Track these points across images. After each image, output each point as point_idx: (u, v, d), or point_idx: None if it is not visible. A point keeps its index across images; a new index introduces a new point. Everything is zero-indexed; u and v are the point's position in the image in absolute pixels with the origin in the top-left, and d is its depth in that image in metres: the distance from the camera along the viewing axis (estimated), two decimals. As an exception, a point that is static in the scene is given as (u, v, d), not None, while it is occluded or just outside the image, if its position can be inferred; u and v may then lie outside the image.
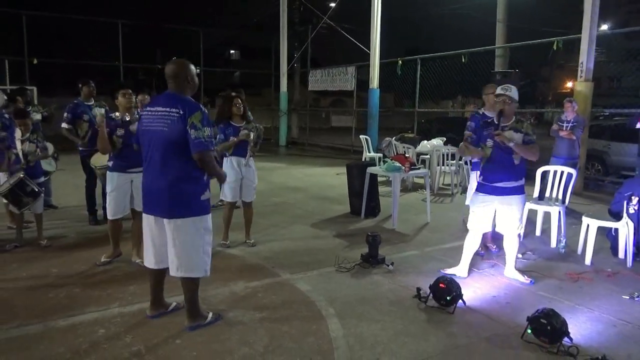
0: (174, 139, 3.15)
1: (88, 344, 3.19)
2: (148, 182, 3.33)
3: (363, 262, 4.83)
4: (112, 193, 4.57)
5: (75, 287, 4.15)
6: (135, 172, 4.54)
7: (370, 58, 13.03)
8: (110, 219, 4.66)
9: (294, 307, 3.85)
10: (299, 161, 13.82)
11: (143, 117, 3.33)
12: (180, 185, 3.22)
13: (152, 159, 3.26)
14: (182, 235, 3.26)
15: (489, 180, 4.34)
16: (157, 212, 3.31)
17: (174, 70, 3.28)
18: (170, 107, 3.19)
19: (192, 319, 3.43)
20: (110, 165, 4.60)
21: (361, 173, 6.87)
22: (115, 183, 4.55)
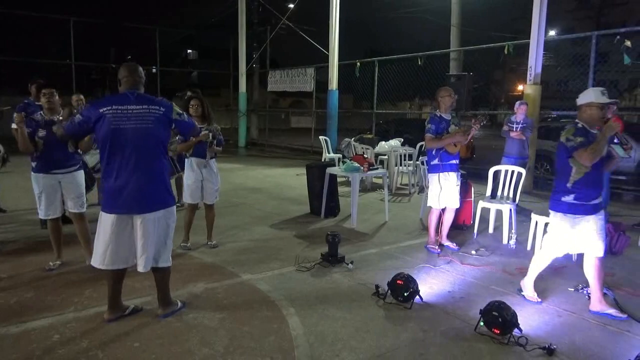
0: (159, 135, 3.36)
1: (42, 350, 3.11)
2: (122, 182, 3.28)
3: (323, 261, 4.89)
4: (41, 194, 4.48)
5: (27, 292, 4.02)
6: (61, 173, 4.49)
7: (329, 59, 13.15)
8: (43, 218, 4.59)
9: (255, 307, 3.86)
10: (258, 162, 13.78)
11: (110, 116, 3.23)
12: (161, 178, 3.42)
13: (130, 157, 3.26)
14: (160, 227, 3.40)
15: (588, 199, 3.75)
16: (135, 210, 3.31)
17: (134, 70, 3.40)
18: (148, 104, 3.31)
19: (166, 307, 3.62)
20: (34, 167, 4.49)
21: (321, 173, 6.94)
22: (41, 184, 4.46)
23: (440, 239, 5.51)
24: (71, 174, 4.52)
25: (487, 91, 29.10)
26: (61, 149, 4.39)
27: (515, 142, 7.44)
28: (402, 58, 13.24)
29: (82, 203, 4.61)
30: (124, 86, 3.38)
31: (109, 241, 3.35)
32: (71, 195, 4.53)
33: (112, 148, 3.28)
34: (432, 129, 5.15)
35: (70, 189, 4.51)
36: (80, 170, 4.64)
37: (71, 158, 4.53)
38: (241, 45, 17.16)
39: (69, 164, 4.51)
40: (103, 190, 3.45)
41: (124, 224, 3.34)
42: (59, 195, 4.49)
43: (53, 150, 4.37)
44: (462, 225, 6.15)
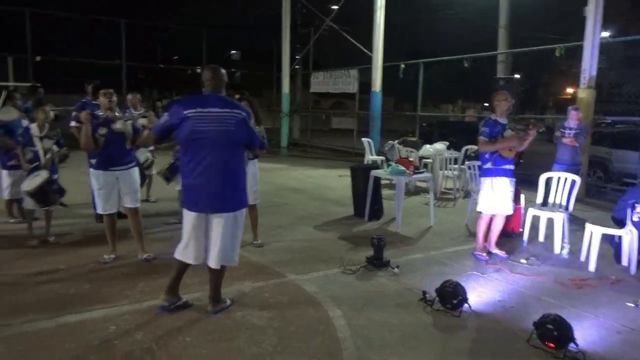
0: (239, 139, 3.49)
1: (99, 340, 3.22)
2: (203, 181, 3.40)
3: (368, 264, 4.87)
4: (99, 191, 4.65)
5: (84, 283, 4.18)
6: (119, 170, 4.65)
7: (373, 61, 13.08)
8: (101, 213, 4.74)
9: (301, 308, 3.88)
10: (300, 162, 13.85)
11: (193, 118, 3.34)
12: (239, 180, 3.56)
13: (211, 159, 3.38)
14: (231, 228, 3.50)
15: None
16: (212, 208, 3.45)
17: (221, 74, 3.53)
18: (230, 108, 3.44)
19: (216, 304, 3.70)
20: (94, 163, 4.65)
21: (365, 176, 6.91)
22: (101, 181, 4.62)
23: (488, 246, 5.38)
24: (128, 170, 4.69)
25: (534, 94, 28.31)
26: (119, 146, 4.57)
27: (568, 149, 7.20)
28: (448, 60, 13.03)
29: (137, 199, 4.77)
30: (207, 88, 3.49)
31: (190, 236, 3.49)
32: (127, 191, 4.68)
33: (193, 149, 3.39)
34: (486, 132, 5.04)
35: (127, 185, 4.67)
36: (135, 167, 4.80)
37: (128, 155, 4.69)
38: (285, 47, 17.28)
39: (126, 161, 4.67)
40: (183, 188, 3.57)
41: (202, 221, 3.47)
42: (116, 191, 4.65)
43: (112, 148, 4.55)
44: (511, 233, 5.98)
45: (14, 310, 3.61)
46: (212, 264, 3.53)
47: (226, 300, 3.82)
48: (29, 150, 5.19)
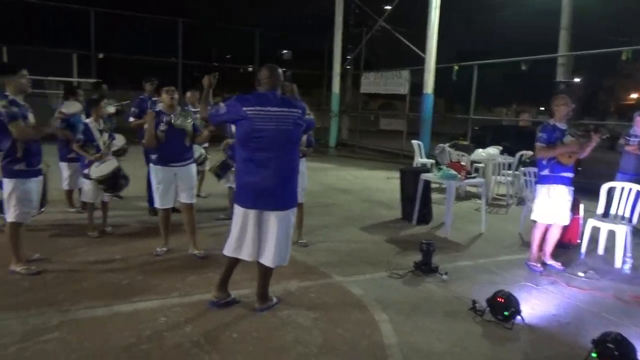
0: (295, 138, 3.54)
1: (150, 330, 3.32)
2: (259, 179, 3.45)
3: (416, 269, 4.78)
4: (158, 186, 4.77)
5: (137, 274, 4.32)
6: (177, 166, 4.75)
7: (426, 62, 12.87)
8: (159, 207, 4.86)
9: (347, 310, 3.85)
10: (348, 163, 13.81)
11: (252, 116, 3.39)
12: (292, 179, 3.59)
13: (268, 158, 3.42)
14: (285, 227, 3.55)
15: None
16: (268, 206, 3.50)
17: (274, 72, 3.52)
18: (288, 107, 3.48)
19: (263, 302, 3.73)
20: (154, 159, 4.78)
21: (415, 179, 6.79)
22: (160, 176, 4.74)
23: (543, 256, 5.17)
24: (186, 167, 4.79)
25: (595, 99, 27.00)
26: (179, 143, 4.69)
27: (632, 158, 6.79)
28: (505, 62, 12.63)
29: (193, 195, 4.87)
30: (264, 87, 3.52)
31: (242, 233, 3.54)
32: (184, 187, 4.79)
33: (251, 147, 3.44)
34: (544, 138, 4.84)
35: (184, 181, 4.77)
36: (193, 164, 4.92)
37: (187, 151, 4.80)
38: (336, 46, 17.29)
39: (184, 157, 4.78)
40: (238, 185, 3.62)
41: (256, 219, 3.51)
42: (173, 186, 4.76)
43: (172, 144, 4.66)
44: (567, 244, 5.72)
45: (73, 296, 3.78)
46: (268, 262, 3.56)
47: (273, 298, 3.84)
48: (92, 145, 5.40)
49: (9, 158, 4.02)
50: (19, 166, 4.03)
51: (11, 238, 4.15)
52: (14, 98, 4.00)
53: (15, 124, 3.91)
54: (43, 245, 4.92)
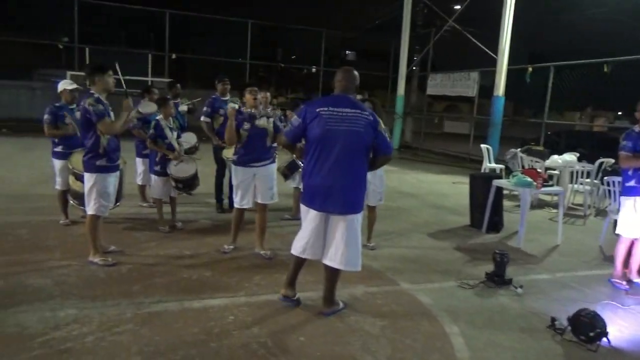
0: (365, 141, 3.43)
1: (219, 328, 3.34)
2: (325, 180, 3.43)
3: (487, 280, 4.56)
4: (238, 186, 4.80)
5: (206, 271, 4.39)
6: (257, 166, 4.76)
7: (497, 64, 12.38)
8: (236, 207, 4.90)
9: (416, 320, 3.72)
10: (412, 166, 13.53)
11: (325, 117, 3.38)
12: (361, 183, 3.51)
13: (337, 159, 3.38)
14: (354, 231, 3.49)
15: None
16: (334, 209, 3.46)
17: (352, 75, 3.54)
18: (360, 109, 3.42)
19: (330, 306, 3.68)
20: (236, 160, 4.82)
21: (486, 185, 6.51)
22: (240, 177, 4.78)
23: (629, 273, 4.78)
24: (266, 167, 4.80)
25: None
26: (260, 142, 4.72)
27: None
28: (585, 64, 11.89)
29: (272, 195, 4.85)
30: (338, 89, 3.52)
31: (309, 234, 3.53)
32: (263, 188, 4.78)
33: (322, 148, 3.41)
34: (629, 147, 4.48)
35: (263, 182, 4.77)
36: (273, 164, 4.92)
37: (267, 152, 4.81)
38: (403, 47, 17.00)
39: (265, 157, 4.79)
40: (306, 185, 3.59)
41: (324, 221, 3.49)
42: (252, 187, 4.78)
43: (254, 144, 4.70)
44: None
45: (146, 289, 3.89)
46: (334, 264, 3.51)
47: (339, 302, 3.78)
48: (163, 142, 5.57)
49: (91, 154, 4.21)
50: (100, 161, 4.21)
51: (90, 230, 4.34)
52: (99, 96, 4.19)
53: (103, 121, 4.10)
54: (117, 237, 5.12)
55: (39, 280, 3.92)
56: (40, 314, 3.36)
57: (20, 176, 8.24)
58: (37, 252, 4.57)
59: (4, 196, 6.71)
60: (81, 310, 3.46)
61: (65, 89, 5.49)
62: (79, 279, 4.02)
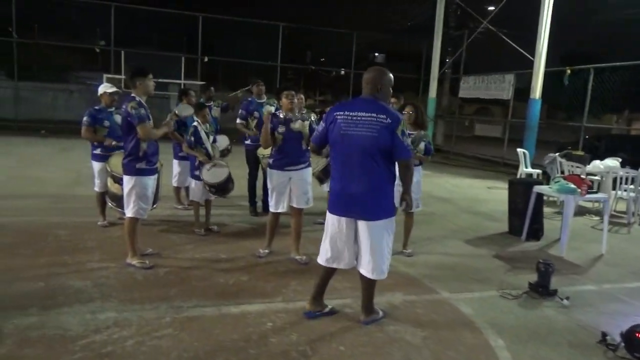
0: (381, 145, 3.24)
1: (257, 335, 3.29)
2: (345, 185, 3.35)
3: (531, 290, 4.39)
4: (273, 190, 4.77)
5: (242, 275, 4.36)
6: (292, 170, 4.72)
7: (534, 66, 12.04)
8: (271, 211, 4.86)
9: (458, 331, 3.59)
10: (445, 170, 13.30)
11: (340, 120, 3.34)
12: (380, 189, 3.32)
13: (353, 163, 3.30)
14: (377, 238, 3.35)
15: None
16: (353, 214, 3.36)
17: (371, 76, 3.37)
18: (376, 113, 3.26)
19: (368, 314, 3.57)
20: (271, 163, 4.78)
21: (525, 190, 6.32)
22: (275, 180, 4.74)
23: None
24: (301, 171, 4.75)
25: None
26: (296, 146, 4.68)
27: None
28: (627, 66, 11.48)
29: (307, 199, 4.81)
30: (363, 92, 3.43)
31: (330, 240, 3.45)
32: (298, 192, 4.74)
33: (339, 152, 3.36)
34: None
35: (298, 186, 4.73)
36: (308, 168, 4.86)
37: (302, 155, 4.77)
38: (435, 50, 16.75)
39: (300, 161, 4.75)
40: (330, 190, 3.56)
41: (346, 227, 3.39)
42: (287, 191, 4.74)
43: (289, 147, 4.67)
44: None
45: (183, 293, 3.88)
46: (365, 272, 3.44)
47: (378, 311, 3.68)
48: (201, 147, 5.58)
49: (131, 156, 4.23)
50: (140, 164, 4.24)
51: (129, 232, 4.37)
52: (140, 100, 4.21)
53: (143, 125, 4.12)
54: (154, 240, 5.15)
55: (79, 282, 3.95)
56: (81, 316, 3.38)
57: (59, 177, 8.42)
58: (76, 254, 4.63)
59: (43, 197, 6.85)
60: (120, 313, 3.46)
61: (105, 92, 5.56)
62: (117, 281, 4.05)
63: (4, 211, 5.92)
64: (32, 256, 4.49)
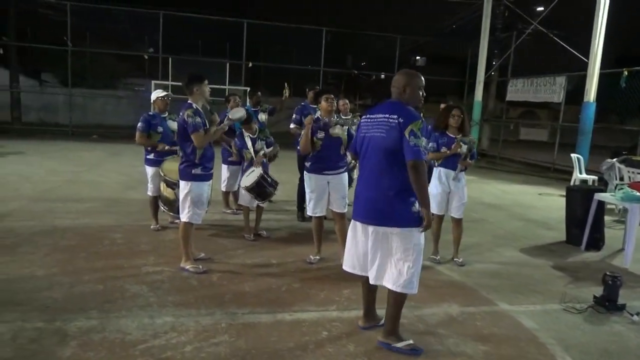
0: (390, 146, 3.07)
1: (314, 344, 3.24)
2: (361, 189, 3.28)
3: (596, 304, 4.16)
4: (311, 194, 4.75)
5: (294, 282, 4.32)
6: (331, 174, 4.69)
7: (589, 68, 11.57)
8: (311, 215, 4.84)
9: (521, 346, 3.42)
10: (492, 175, 12.94)
11: (362, 123, 3.30)
12: (393, 194, 3.08)
13: (368, 166, 3.22)
14: (399, 247, 3.12)
15: None
16: (366, 219, 3.22)
17: (396, 79, 3.26)
18: (389, 113, 3.14)
19: (386, 336, 3.25)
20: (308, 167, 4.76)
21: (585, 198, 6.04)
22: (313, 184, 4.72)
23: None
24: (339, 175, 4.74)
25: None
26: (334, 151, 4.66)
27: None
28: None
29: (345, 204, 4.79)
30: (392, 95, 3.33)
31: (350, 245, 3.37)
32: (337, 196, 4.74)
33: (361, 156, 3.29)
34: None
35: (337, 190, 4.74)
36: (346, 173, 4.83)
37: (341, 160, 4.75)
38: (482, 52, 16.36)
39: (338, 166, 4.74)
40: None
41: (364, 233, 3.25)
42: (326, 195, 4.75)
43: (327, 152, 4.65)
44: None
45: (237, 299, 3.87)
46: (387, 284, 3.18)
47: (402, 339, 3.23)
48: (248, 152, 5.59)
49: (187, 162, 4.28)
50: (196, 170, 4.27)
51: (183, 237, 4.41)
52: (197, 107, 4.25)
53: (197, 134, 4.16)
54: (205, 244, 5.18)
55: (136, 286, 4.01)
56: (139, 320, 3.41)
57: (111, 181, 8.67)
58: (132, 257, 4.72)
59: (98, 200, 7.05)
60: (177, 318, 3.48)
61: (158, 97, 5.67)
62: (172, 285, 4.08)
63: (64, 214, 6.12)
64: (91, 259, 4.61)
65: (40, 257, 4.56)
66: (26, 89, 19.18)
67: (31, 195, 7.04)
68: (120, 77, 24.81)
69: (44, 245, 4.89)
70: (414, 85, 3.20)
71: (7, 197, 6.81)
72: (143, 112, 5.78)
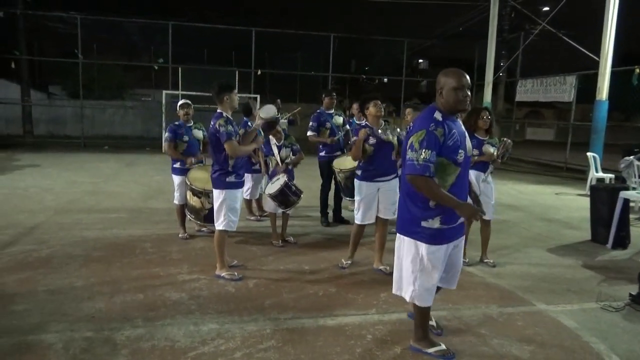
0: (404, 154, 2.97)
1: (361, 348, 3.25)
2: None
3: (633, 302, 4.15)
4: (361, 201, 4.70)
5: (330, 287, 4.33)
6: (382, 181, 4.64)
7: (600, 66, 11.56)
8: (358, 223, 4.80)
9: (566, 346, 3.43)
10: (506, 176, 12.91)
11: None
12: (406, 202, 3.03)
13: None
14: (398, 253, 3.16)
15: None
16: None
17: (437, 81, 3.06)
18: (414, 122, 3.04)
19: (415, 339, 3.25)
20: (359, 174, 4.73)
21: (610, 197, 6.04)
22: (363, 192, 4.68)
23: None
24: (389, 182, 4.68)
25: None
26: (386, 157, 4.62)
27: None
28: None
29: (394, 210, 4.73)
30: None
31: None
32: (386, 203, 4.69)
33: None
34: None
35: (387, 197, 4.68)
36: (396, 179, 4.79)
37: (392, 166, 4.71)
38: (490, 53, 16.38)
39: (389, 172, 4.69)
40: None
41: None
42: (375, 203, 4.69)
43: (380, 159, 4.61)
44: None
45: (277, 305, 3.89)
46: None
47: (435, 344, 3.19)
48: (273, 158, 5.63)
49: (221, 171, 4.30)
50: (229, 178, 4.30)
51: (219, 245, 4.44)
52: (228, 116, 4.29)
53: (230, 143, 4.18)
54: (235, 251, 5.20)
55: (175, 294, 4.04)
56: (185, 327, 3.44)
57: (131, 191, 8.72)
58: (166, 266, 4.74)
59: (122, 210, 7.10)
60: (222, 325, 3.50)
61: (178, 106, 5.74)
62: (211, 293, 4.11)
63: (91, 225, 6.17)
64: (126, 268, 4.64)
65: (76, 268, 4.60)
66: (36, 102, 19.33)
67: (55, 207, 7.10)
68: (127, 87, 24.99)
69: (78, 256, 4.93)
70: (449, 86, 2.89)
71: (34, 210, 6.87)
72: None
